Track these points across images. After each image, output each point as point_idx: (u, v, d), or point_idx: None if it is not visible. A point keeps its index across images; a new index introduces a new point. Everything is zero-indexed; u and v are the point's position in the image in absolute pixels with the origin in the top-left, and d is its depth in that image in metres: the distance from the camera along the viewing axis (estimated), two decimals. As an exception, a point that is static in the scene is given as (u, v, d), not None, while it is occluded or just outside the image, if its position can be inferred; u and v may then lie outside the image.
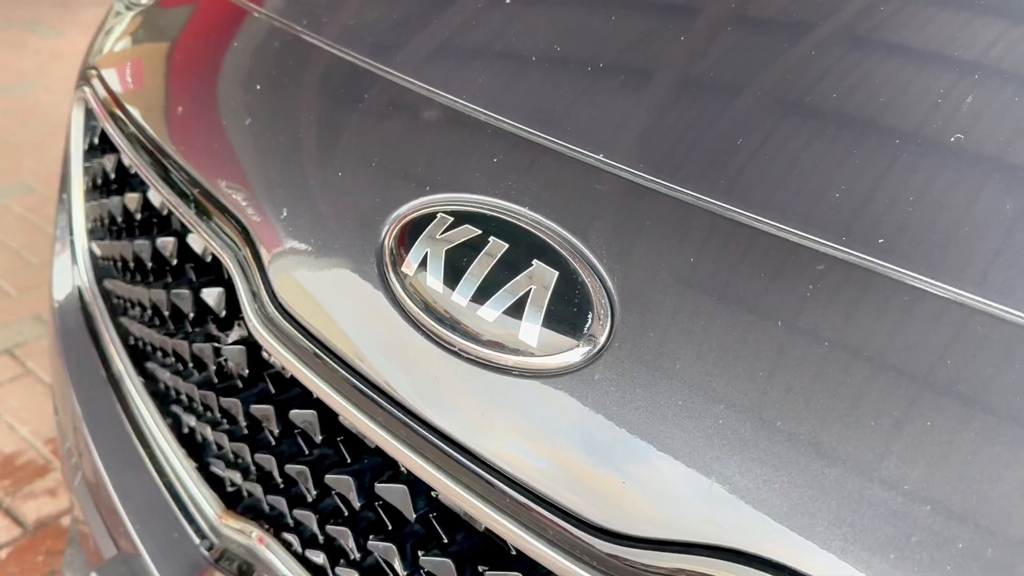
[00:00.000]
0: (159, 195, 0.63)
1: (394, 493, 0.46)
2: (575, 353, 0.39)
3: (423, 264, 0.44)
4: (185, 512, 0.64)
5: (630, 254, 0.40)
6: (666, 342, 0.38)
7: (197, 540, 0.63)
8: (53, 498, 1.42)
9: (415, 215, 0.46)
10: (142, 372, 0.71)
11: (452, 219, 0.45)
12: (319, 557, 0.54)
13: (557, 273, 0.41)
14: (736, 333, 0.37)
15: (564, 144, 0.46)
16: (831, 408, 0.34)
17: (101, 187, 0.78)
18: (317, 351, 0.48)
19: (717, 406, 0.36)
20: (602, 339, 0.39)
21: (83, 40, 3.54)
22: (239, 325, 0.60)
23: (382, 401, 0.44)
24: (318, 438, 0.51)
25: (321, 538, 0.53)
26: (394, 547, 0.46)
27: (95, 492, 0.71)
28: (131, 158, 0.65)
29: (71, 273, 0.79)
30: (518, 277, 0.41)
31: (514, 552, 0.45)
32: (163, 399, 0.70)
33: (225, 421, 0.62)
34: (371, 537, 0.48)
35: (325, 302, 0.48)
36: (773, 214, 0.39)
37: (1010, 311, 0.34)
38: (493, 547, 0.46)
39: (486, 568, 0.44)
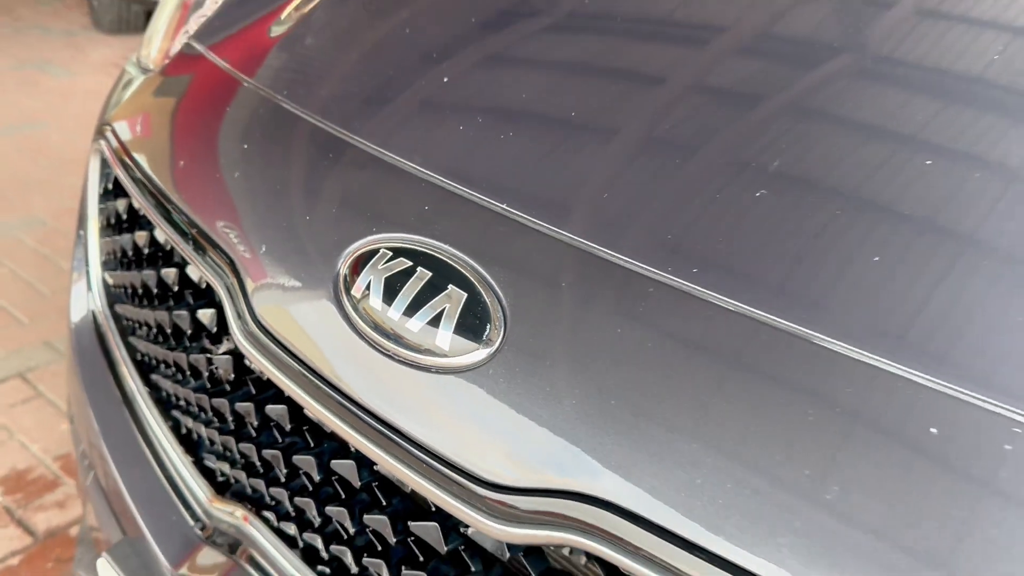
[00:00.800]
0: (163, 233, 0.76)
1: (345, 467, 0.59)
2: (477, 354, 0.52)
3: (368, 288, 0.57)
4: (182, 499, 0.76)
5: (520, 279, 0.53)
6: (543, 345, 0.51)
7: (192, 522, 0.75)
8: (62, 510, 1.54)
9: (363, 250, 0.59)
10: (147, 383, 0.84)
11: (391, 253, 0.57)
12: (291, 528, 0.67)
13: (466, 294, 0.54)
14: (595, 337, 0.50)
15: (477, 195, 0.59)
16: (668, 387, 0.47)
17: (113, 225, 0.91)
18: (288, 359, 0.60)
19: (577, 390, 0.48)
20: (497, 343, 0.52)
21: (93, 80, 3.71)
22: (227, 340, 0.73)
23: (336, 396, 0.57)
24: (288, 427, 0.64)
25: (292, 511, 0.65)
26: (345, 511, 0.58)
27: (106, 486, 0.83)
28: (140, 202, 0.78)
29: (86, 299, 0.92)
30: (437, 297, 0.54)
31: (433, 508, 0.57)
32: (165, 405, 0.82)
33: (215, 420, 0.74)
34: (328, 506, 0.61)
35: (295, 320, 0.61)
36: (624, 250, 0.52)
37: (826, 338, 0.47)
38: (418, 506, 0.58)
39: (412, 521, 0.56)
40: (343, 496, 0.61)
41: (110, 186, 0.92)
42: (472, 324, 0.53)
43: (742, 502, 0.42)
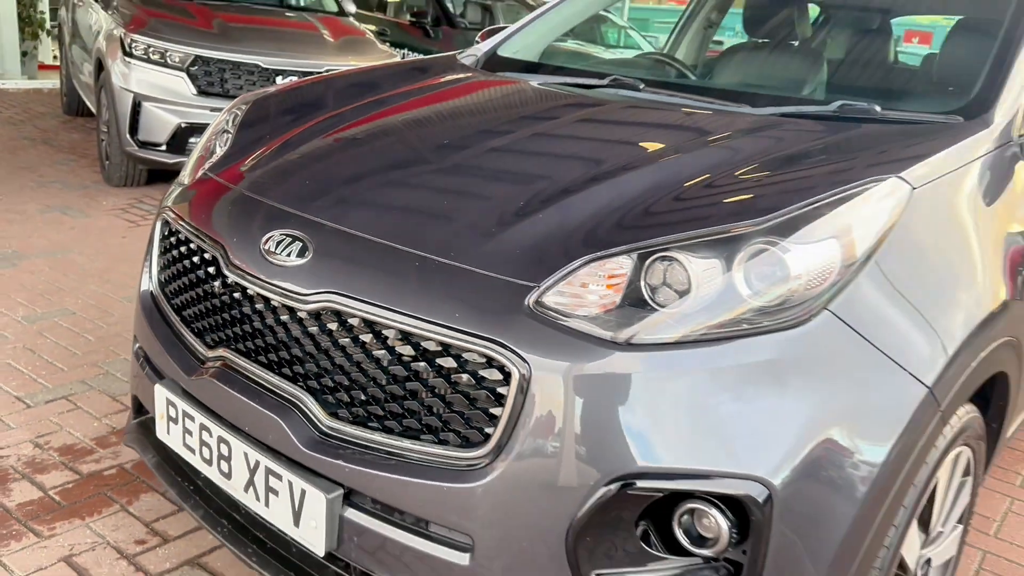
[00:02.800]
0: (193, 238, 1.70)
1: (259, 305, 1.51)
2: (303, 264, 1.45)
3: (272, 249, 1.50)
4: (192, 351, 1.66)
5: (311, 236, 1.48)
6: (335, 251, 1.45)
7: (197, 357, 1.64)
8: (97, 464, 2.37)
9: (269, 234, 1.53)
10: (179, 315, 1.75)
11: (284, 235, 1.52)
12: (243, 357, 1.56)
13: (301, 244, 1.47)
14: (341, 243, 1.44)
15: (299, 212, 1.55)
16: (365, 256, 1.41)
17: (163, 251, 1.85)
18: (246, 275, 1.52)
19: (339, 254, 1.42)
20: (310, 256, 1.45)
21: (106, 220, 4.71)
22: (223, 274, 1.65)
23: (258, 279, 1.49)
24: (230, 301, 1.56)
25: (243, 348, 1.55)
26: (250, 349, 1.50)
27: (145, 352, 1.72)
28: (183, 228, 1.73)
29: (147, 281, 1.85)
30: (294, 250, 1.48)
31: (282, 312, 1.49)
32: (186, 316, 1.73)
33: (212, 314, 1.65)
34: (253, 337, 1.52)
35: (247, 261, 1.54)
36: (343, 223, 1.49)
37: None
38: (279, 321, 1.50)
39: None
40: (257, 329, 1.53)
41: (166, 232, 1.85)
42: (303, 250, 1.46)
43: (405, 282, 1.36)
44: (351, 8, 6.76)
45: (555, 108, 2.02)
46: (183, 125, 5.01)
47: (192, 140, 4.98)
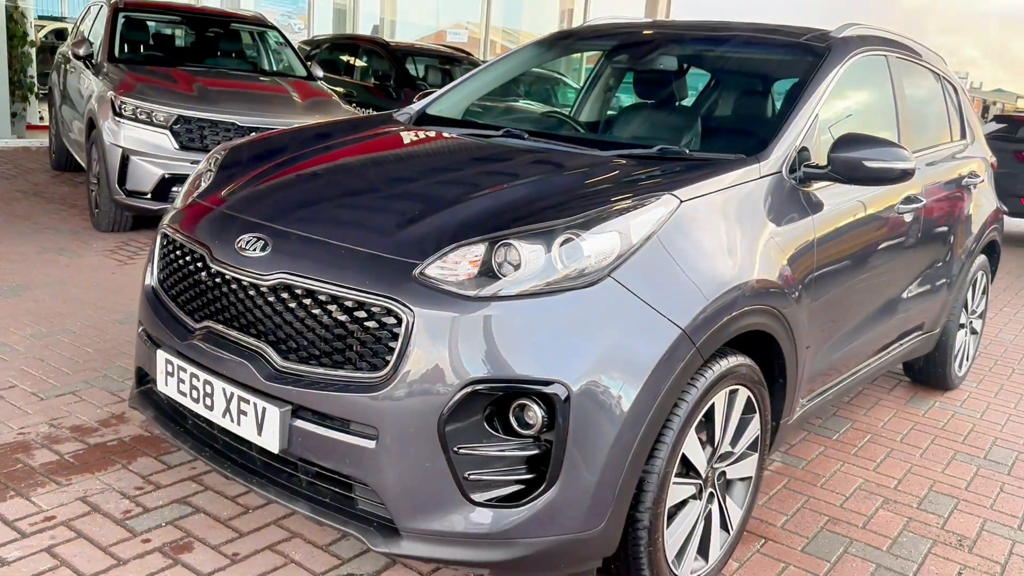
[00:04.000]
0: (186, 242, 2.33)
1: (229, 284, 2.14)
2: (266, 251, 2.09)
3: (243, 247, 2.15)
4: (185, 326, 2.29)
5: (283, 239, 2.13)
6: (287, 247, 2.09)
7: (188, 328, 2.27)
8: (102, 438, 2.96)
9: (241, 236, 2.18)
10: (174, 301, 2.38)
11: (248, 235, 2.16)
12: (222, 323, 2.19)
13: (263, 242, 2.11)
14: (293, 241, 2.09)
15: (265, 223, 2.21)
16: (312, 236, 2.06)
17: (162, 256, 2.48)
18: (226, 265, 2.16)
19: (292, 241, 2.07)
20: (270, 248, 2.09)
21: (96, 260, 5.32)
22: (205, 264, 2.27)
23: (230, 267, 2.13)
24: (213, 285, 2.19)
25: (223, 318, 2.18)
26: (226, 318, 2.12)
27: (148, 330, 2.35)
28: (176, 235, 2.37)
29: (149, 279, 2.48)
30: (258, 247, 2.12)
31: (246, 287, 2.13)
32: (178, 301, 2.35)
33: (198, 296, 2.28)
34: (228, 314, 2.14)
35: (225, 255, 2.18)
36: (292, 226, 2.14)
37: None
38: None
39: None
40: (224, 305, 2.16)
41: (164, 243, 2.49)
42: (264, 246, 2.10)
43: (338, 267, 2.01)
44: (319, 72, 7.52)
45: (456, 151, 2.71)
46: (166, 176, 5.66)
47: (175, 189, 5.63)
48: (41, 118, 10.50)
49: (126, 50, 6.85)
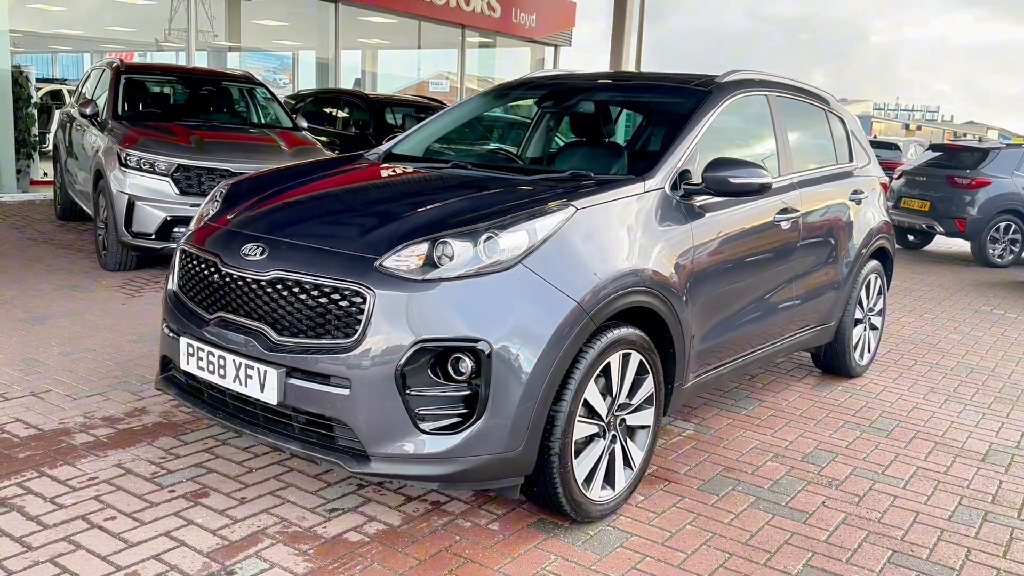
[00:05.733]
0: (199, 254, 3.01)
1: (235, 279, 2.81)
2: (265, 258, 2.77)
3: (247, 253, 2.82)
4: (200, 316, 2.95)
5: (277, 245, 2.81)
6: (283, 253, 2.77)
7: (204, 319, 2.93)
8: (129, 425, 3.59)
9: (246, 246, 2.85)
10: (191, 299, 3.04)
11: (251, 244, 2.84)
12: (231, 313, 2.85)
13: (262, 248, 2.79)
14: (284, 249, 2.77)
15: (263, 235, 2.89)
16: (303, 240, 2.74)
17: (181, 267, 3.15)
18: (232, 267, 2.83)
19: (290, 243, 2.74)
20: (267, 253, 2.77)
21: (107, 294, 5.97)
22: (216, 269, 2.94)
23: (237, 270, 2.80)
24: (223, 283, 2.85)
25: (231, 309, 2.84)
26: (234, 308, 2.78)
27: (171, 324, 3.01)
28: (190, 249, 3.04)
29: (171, 285, 3.15)
30: (258, 252, 2.80)
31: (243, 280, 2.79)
32: (195, 299, 3.02)
33: (211, 294, 2.94)
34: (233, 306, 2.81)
35: (233, 259, 2.86)
36: (288, 237, 2.83)
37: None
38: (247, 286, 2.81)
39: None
40: (231, 298, 2.83)
41: (183, 256, 3.17)
42: (263, 252, 2.78)
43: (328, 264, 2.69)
44: (303, 123, 8.28)
45: (412, 179, 3.42)
46: (168, 218, 6.35)
47: (176, 230, 6.33)
48: (44, 174, 11.22)
49: (128, 108, 7.58)
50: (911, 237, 11.97)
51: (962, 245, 11.66)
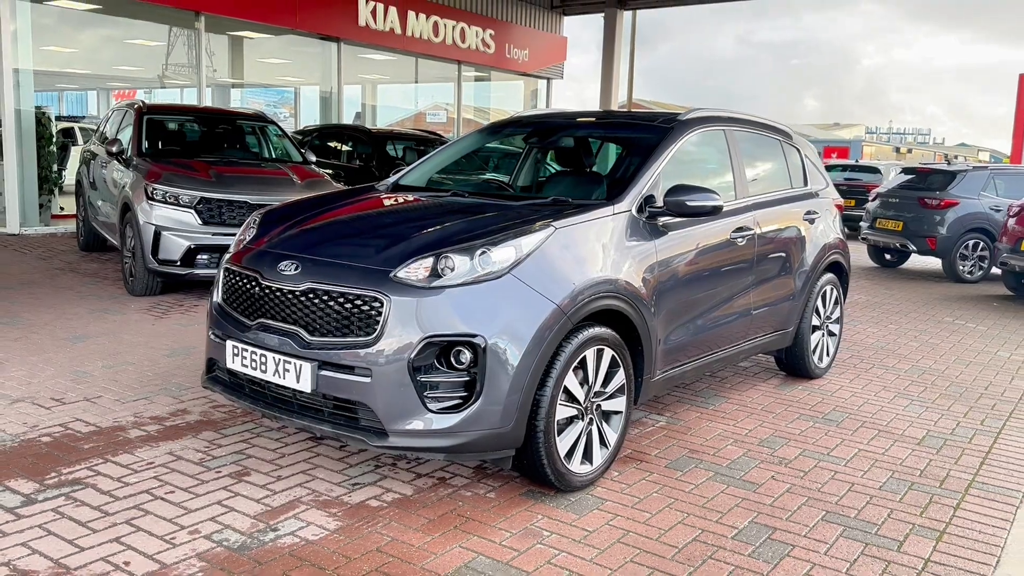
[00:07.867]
0: (239, 271, 3.58)
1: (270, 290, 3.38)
2: (297, 273, 3.34)
3: (282, 269, 3.40)
4: (243, 323, 3.52)
5: (308, 262, 3.39)
6: (313, 268, 3.35)
7: (246, 327, 3.50)
8: (174, 423, 4.15)
9: (282, 263, 3.43)
10: (235, 308, 3.61)
11: (288, 263, 3.42)
12: (269, 318, 3.42)
13: (296, 264, 3.37)
14: (313, 263, 3.35)
15: (296, 253, 3.47)
16: (328, 259, 3.32)
17: (225, 283, 3.73)
18: (266, 278, 3.41)
19: (317, 261, 3.32)
20: (300, 268, 3.35)
21: (136, 316, 6.54)
22: (257, 283, 3.51)
23: (272, 283, 3.38)
24: (263, 295, 3.42)
25: (269, 318, 3.41)
26: (273, 315, 3.35)
27: (216, 330, 3.58)
28: (236, 269, 3.62)
29: (216, 297, 3.72)
30: (292, 268, 3.38)
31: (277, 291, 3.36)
32: (238, 309, 3.58)
33: (252, 304, 3.51)
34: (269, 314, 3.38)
35: (268, 274, 3.44)
36: (318, 254, 3.41)
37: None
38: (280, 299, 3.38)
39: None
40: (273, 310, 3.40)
41: (226, 273, 3.75)
42: (297, 267, 3.36)
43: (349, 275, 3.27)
44: (312, 157, 8.91)
45: (417, 205, 4.02)
46: (192, 247, 6.94)
47: (200, 257, 6.93)
48: (61, 208, 11.84)
49: (149, 145, 8.21)
50: (888, 256, 12.58)
51: (935, 263, 12.27)
